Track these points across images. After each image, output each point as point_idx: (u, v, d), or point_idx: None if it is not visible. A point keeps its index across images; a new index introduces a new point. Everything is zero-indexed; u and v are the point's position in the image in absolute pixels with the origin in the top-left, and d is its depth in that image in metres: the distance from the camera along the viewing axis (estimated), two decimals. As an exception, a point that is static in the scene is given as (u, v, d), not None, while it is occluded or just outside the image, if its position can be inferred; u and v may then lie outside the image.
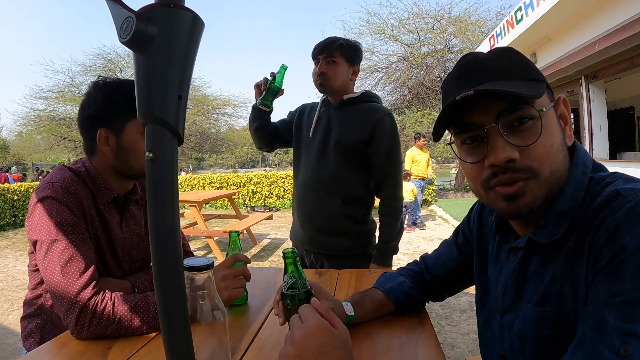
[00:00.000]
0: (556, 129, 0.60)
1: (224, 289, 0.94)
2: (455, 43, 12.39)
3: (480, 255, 0.82)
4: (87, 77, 16.40)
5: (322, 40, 1.59)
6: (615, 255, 0.50)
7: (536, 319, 0.61)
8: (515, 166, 0.58)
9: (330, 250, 1.60)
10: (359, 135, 1.54)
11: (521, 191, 0.58)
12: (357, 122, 1.55)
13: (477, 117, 0.60)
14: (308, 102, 1.79)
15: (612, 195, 0.54)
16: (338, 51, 1.54)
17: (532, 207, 0.59)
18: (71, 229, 0.93)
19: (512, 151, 0.57)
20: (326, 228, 1.58)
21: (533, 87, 0.58)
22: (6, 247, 6.43)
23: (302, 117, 1.72)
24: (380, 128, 1.54)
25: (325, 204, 1.57)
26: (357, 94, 1.60)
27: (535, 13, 5.12)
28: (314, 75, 1.59)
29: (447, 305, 3.18)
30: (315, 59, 1.58)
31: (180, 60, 0.39)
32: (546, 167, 0.58)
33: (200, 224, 5.05)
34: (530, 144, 0.57)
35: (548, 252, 0.61)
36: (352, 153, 1.55)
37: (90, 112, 1.01)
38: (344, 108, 1.60)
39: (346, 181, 1.57)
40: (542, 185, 0.58)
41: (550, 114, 0.60)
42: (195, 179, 11.69)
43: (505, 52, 0.62)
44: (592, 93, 5.29)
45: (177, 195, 0.40)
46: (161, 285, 0.39)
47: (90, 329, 0.86)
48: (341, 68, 1.56)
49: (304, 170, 1.65)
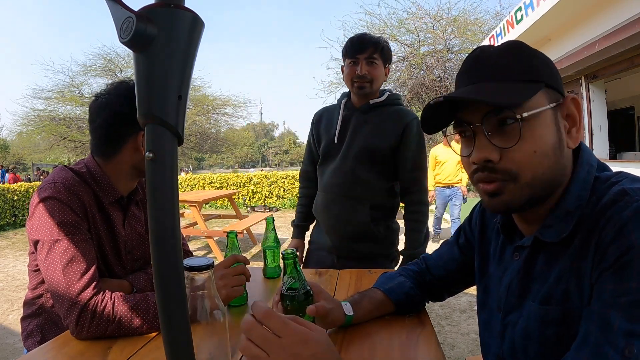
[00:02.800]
0: (548, 133, 0.58)
1: (222, 287, 0.95)
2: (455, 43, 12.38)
3: (482, 255, 0.82)
4: (87, 77, 16.40)
5: (358, 36, 1.52)
6: (622, 254, 0.49)
7: (541, 318, 0.60)
8: (493, 166, 0.59)
9: (357, 254, 1.57)
10: (387, 141, 1.51)
11: (498, 191, 0.60)
12: (385, 129, 1.52)
13: (468, 115, 0.62)
14: (321, 108, 1.74)
15: (619, 194, 0.54)
16: (379, 52, 1.50)
17: (510, 206, 0.61)
18: (73, 230, 0.93)
19: (491, 152, 0.59)
20: (353, 234, 1.55)
21: (520, 90, 0.57)
22: (6, 247, 6.43)
23: (320, 125, 1.68)
24: (409, 133, 1.51)
25: (353, 211, 1.54)
26: (383, 99, 1.56)
27: (535, 13, 5.12)
28: (349, 76, 1.52)
29: (447, 305, 3.18)
30: (353, 58, 1.50)
31: (180, 60, 0.39)
32: (527, 172, 0.58)
33: (200, 224, 5.05)
34: (509, 147, 0.58)
35: (554, 251, 0.61)
36: (380, 159, 1.53)
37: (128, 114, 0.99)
38: (369, 112, 1.56)
39: (373, 187, 1.55)
40: (523, 188, 0.59)
41: (542, 117, 0.58)
42: (195, 179, 11.70)
43: (511, 48, 0.61)
44: (592, 93, 5.29)
45: (177, 195, 0.40)
46: (161, 285, 0.39)
47: (91, 329, 0.86)
48: (380, 70, 1.52)
49: (329, 177, 1.60)
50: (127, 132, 1.02)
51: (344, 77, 1.56)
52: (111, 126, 1.01)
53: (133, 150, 1.04)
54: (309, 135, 1.76)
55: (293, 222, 1.81)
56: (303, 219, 1.79)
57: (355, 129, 1.55)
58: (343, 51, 1.54)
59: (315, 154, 1.72)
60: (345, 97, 1.62)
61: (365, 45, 1.48)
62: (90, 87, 16.24)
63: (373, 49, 1.48)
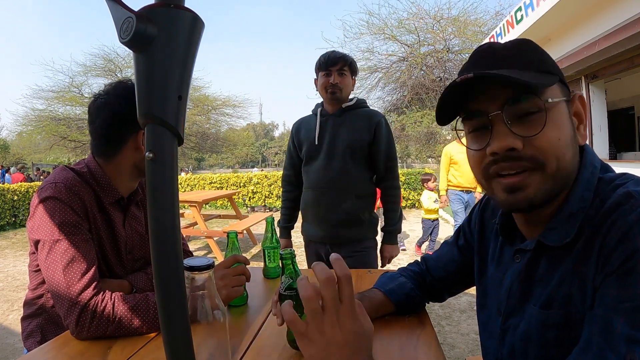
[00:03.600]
0: (567, 125, 0.58)
1: (222, 287, 0.95)
2: (455, 43, 12.38)
3: (481, 256, 0.82)
4: (87, 77, 16.40)
5: (328, 54, 1.79)
6: (627, 259, 0.48)
7: (542, 322, 0.59)
8: (518, 154, 0.56)
9: (347, 240, 1.81)
10: (364, 136, 1.77)
11: (524, 183, 0.57)
12: (360, 126, 1.78)
13: (483, 104, 0.59)
14: (297, 120, 2.00)
15: (624, 197, 0.52)
16: (348, 65, 1.78)
17: (533, 202, 0.57)
18: (73, 230, 0.93)
19: (515, 140, 0.56)
20: (343, 221, 1.78)
21: (543, 77, 0.56)
22: (6, 247, 6.43)
23: (300, 132, 1.92)
24: (380, 129, 1.78)
25: (341, 201, 1.77)
26: (353, 102, 1.84)
27: (535, 13, 5.12)
28: (324, 85, 1.77)
29: (447, 306, 3.17)
30: (326, 70, 1.77)
31: (180, 60, 0.39)
32: (553, 160, 0.56)
33: (200, 224, 5.05)
34: (534, 134, 0.55)
35: (556, 255, 0.60)
36: (359, 153, 1.78)
37: (127, 114, 0.99)
38: (343, 115, 1.82)
39: (356, 178, 1.79)
40: (548, 179, 0.56)
41: (560, 107, 0.58)
42: (195, 179, 11.69)
43: (521, 43, 0.61)
44: (592, 93, 5.29)
45: (177, 195, 0.40)
46: (161, 285, 0.39)
47: (91, 329, 0.86)
48: (349, 79, 1.81)
49: (315, 174, 1.83)
50: (126, 132, 1.02)
51: (318, 88, 1.83)
52: (110, 126, 1.01)
53: (134, 149, 1.04)
54: (289, 142, 2.01)
55: (279, 223, 2.03)
56: (288, 220, 2.04)
57: (334, 130, 1.80)
58: (317, 66, 1.82)
59: (295, 158, 1.97)
60: (319, 106, 1.89)
61: (337, 60, 1.77)
62: (90, 87, 16.27)
63: (343, 62, 1.77)
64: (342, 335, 0.48)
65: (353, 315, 0.49)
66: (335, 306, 0.48)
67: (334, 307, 0.48)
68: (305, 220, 1.92)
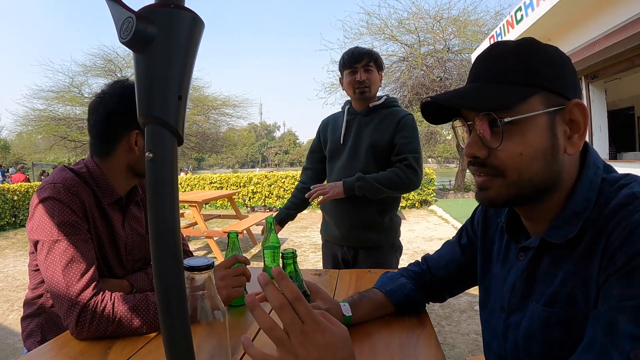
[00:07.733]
0: (538, 138, 0.58)
1: (223, 288, 0.95)
2: (455, 43, 12.37)
3: (484, 256, 0.82)
4: (87, 77, 16.39)
5: (352, 50, 1.71)
6: (630, 259, 0.49)
7: (544, 320, 0.60)
8: (482, 162, 0.61)
9: (364, 243, 1.73)
10: (386, 137, 1.69)
11: (487, 184, 0.62)
12: (385, 127, 1.70)
13: (466, 112, 0.64)
14: (328, 116, 1.95)
15: (629, 197, 0.53)
16: (373, 61, 1.70)
17: (494, 202, 0.63)
18: (73, 230, 0.93)
19: (478, 150, 0.61)
20: (362, 224, 1.71)
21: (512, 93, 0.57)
22: (6, 247, 6.43)
23: (327, 130, 1.88)
24: (403, 124, 1.68)
25: (360, 203, 1.68)
26: (381, 101, 1.76)
27: (535, 13, 5.12)
28: (350, 84, 1.71)
29: (447, 306, 3.17)
30: (351, 68, 1.70)
31: (180, 60, 0.39)
32: (513, 172, 0.59)
33: (200, 224, 5.05)
34: (495, 147, 0.59)
35: (560, 253, 0.61)
36: (382, 154, 1.70)
37: (120, 113, 0.99)
38: (370, 114, 1.75)
39: None
40: (509, 185, 0.60)
41: (533, 121, 0.57)
42: (195, 179, 11.69)
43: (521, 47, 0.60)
44: (592, 93, 5.30)
45: (177, 195, 0.40)
46: (161, 285, 0.39)
47: (91, 329, 0.86)
48: (376, 75, 1.73)
49: (337, 174, 1.76)
50: (120, 131, 1.02)
51: (345, 86, 1.75)
52: (104, 125, 1.02)
53: (127, 149, 1.04)
54: (315, 138, 1.97)
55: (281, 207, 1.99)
56: (288, 206, 1.93)
57: (359, 130, 1.74)
58: (341, 64, 1.75)
59: (317, 154, 1.94)
60: (348, 104, 1.82)
61: (362, 56, 1.69)
62: (90, 87, 16.26)
63: (368, 58, 1.69)
64: (317, 352, 0.49)
65: (320, 329, 0.51)
66: (298, 328, 0.50)
67: (297, 329, 0.50)
68: (325, 219, 1.88)
